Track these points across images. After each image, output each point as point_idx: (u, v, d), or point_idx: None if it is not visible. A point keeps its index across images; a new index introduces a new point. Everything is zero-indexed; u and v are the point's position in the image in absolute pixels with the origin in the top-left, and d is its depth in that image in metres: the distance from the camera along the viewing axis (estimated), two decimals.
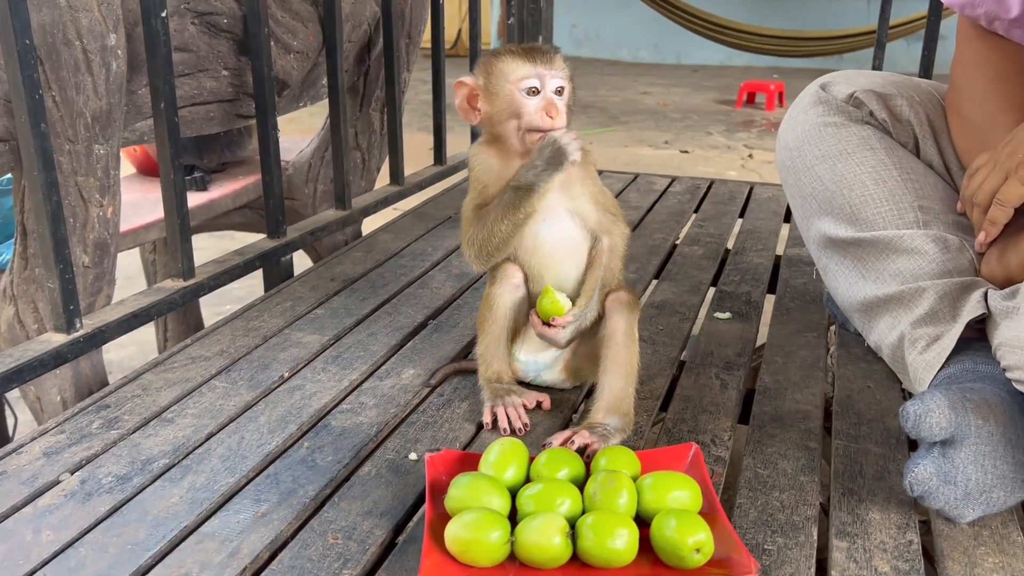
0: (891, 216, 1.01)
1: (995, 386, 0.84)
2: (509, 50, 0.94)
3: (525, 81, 0.92)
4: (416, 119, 4.79)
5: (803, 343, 1.17)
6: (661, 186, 1.98)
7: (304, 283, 1.37)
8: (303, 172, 1.89)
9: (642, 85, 6.55)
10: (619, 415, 0.91)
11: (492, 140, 0.97)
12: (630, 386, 0.93)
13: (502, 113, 0.94)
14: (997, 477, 0.79)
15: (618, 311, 0.95)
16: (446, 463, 0.84)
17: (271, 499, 0.83)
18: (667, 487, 0.77)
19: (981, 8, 1.03)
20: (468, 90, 0.96)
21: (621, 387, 0.92)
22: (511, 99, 0.93)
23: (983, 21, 1.05)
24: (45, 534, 0.77)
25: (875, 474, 0.88)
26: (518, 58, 0.93)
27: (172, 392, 1.03)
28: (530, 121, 0.92)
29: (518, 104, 0.92)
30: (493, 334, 0.98)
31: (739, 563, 0.70)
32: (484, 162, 0.96)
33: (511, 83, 0.92)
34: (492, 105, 0.95)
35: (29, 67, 1.00)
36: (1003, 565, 0.75)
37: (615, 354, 0.93)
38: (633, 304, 0.96)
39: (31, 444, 0.92)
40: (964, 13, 1.06)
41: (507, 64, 0.93)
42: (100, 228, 1.24)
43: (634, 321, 0.95)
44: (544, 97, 0.92)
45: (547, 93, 0.93)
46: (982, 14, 1.04)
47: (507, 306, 0.98)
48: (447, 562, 0.72)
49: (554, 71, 0.93)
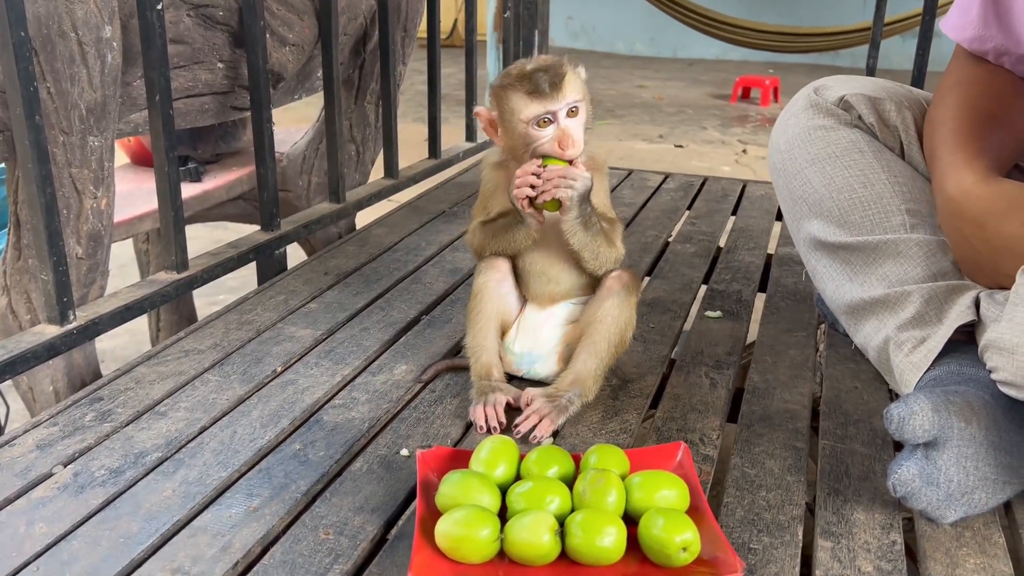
0: (879, 219, 1.02)
1: (979, 389, 0.86)
2: (517, 81, 0.91)
3: (536, 118, 0.91)
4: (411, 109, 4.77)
5: (793, 342, 1.18)
6: (655, 183, 1.99)
7: (297, 276, 1.38)
8: (297, 164, 1.89)
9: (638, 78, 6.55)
10: (582, 387, 0.96)
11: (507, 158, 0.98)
12: (600, 367, 0.97)
13: (517, 148, 0.94)
14: (979, 479, 0.81)
15: (615, 294, 0.98)
16: (437, 460, 0.85)
17: (263, 494, 0.83)
18: (655, 486, 0.78)
19: (991, 43, 1.03)
20: (487, 119, 0.96)
21: (593, 366, 0.97)
22: (524, 135, 0.93)
23: (991, 56, 1.05)
24: (38, 526, 0.78)
25: (860, 474, 0.89)
26: (524, 96, 0.91)
27: (165, 385, 1.03)
28: (546, 151, 0.92)
29: (531, 138, 0.92)
30: (480, 325, 1.00)
31: (725, 562, 0.71)
32: (493, 182, 0.98)
33: (522, 120, 0.92)
34: (507, 137, 0.95)
35: (24, 59, 1.00)
36: (984, 566, 0.77)
37: (598, 335, 0.97)
38: (632, 286, 0.99)
39: (24, 436, 0.92)
40: (972, 48, 1.06)
41: (515, 102, 0.92)
42: (94, 220, 1.24)
43: (629, 303, 0.98)
44: (558, 126, 0.92)
45: (561, 121, 0.92)
46: (991, 48, 1.04)
47: (494, 296, 1.00)
48: (437, 558, 0.73)
49: (565, 101, 0.91)
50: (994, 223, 0.89)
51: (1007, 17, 1.01)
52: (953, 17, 1.08)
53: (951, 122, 0.98)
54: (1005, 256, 0.88)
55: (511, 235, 0.96)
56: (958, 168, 0.94)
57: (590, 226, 0.93)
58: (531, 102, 0.91)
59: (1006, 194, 0.89)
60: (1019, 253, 0.86)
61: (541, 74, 0.90)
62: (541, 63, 0.92)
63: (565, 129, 0.91)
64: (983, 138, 0.96)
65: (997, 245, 0.89)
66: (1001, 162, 0.98)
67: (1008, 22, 1.01)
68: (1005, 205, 0.88)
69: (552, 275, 0.99)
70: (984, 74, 1.05)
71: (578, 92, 0.92)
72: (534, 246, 0.98)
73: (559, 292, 1.00)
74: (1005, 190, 0.90)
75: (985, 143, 0.96)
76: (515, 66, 0.94)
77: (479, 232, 1.00)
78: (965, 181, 0.92)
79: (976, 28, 1.04)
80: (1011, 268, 0.85)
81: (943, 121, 1.00)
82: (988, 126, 0.99)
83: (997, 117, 1.00)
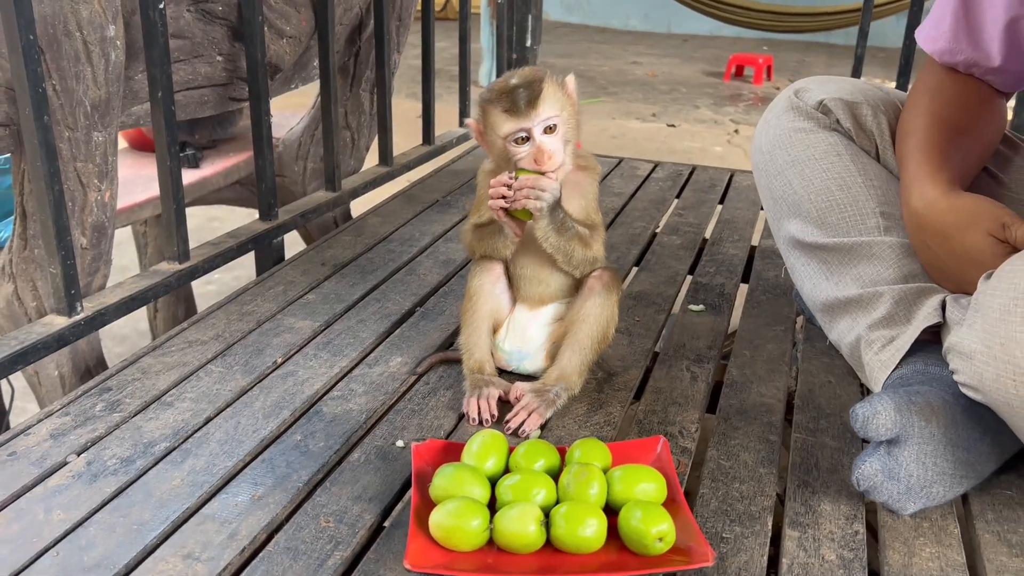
0: (854, 221, 1.07)
1: (941, 388, 0.91)
2: (497, 98, 0.95)
3: (512, 135, 0.96)
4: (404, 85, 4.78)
5: (771, 336, 1.24)
6: (644, 171, 2.03)
7: (295, 267, 1.42)
8: (293, 150, 1.93)
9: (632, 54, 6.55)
10: (567, 382, 1.02)
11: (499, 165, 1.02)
12: (584, 363, 1.03)
13: (500, 159, 1.00)
14: (937, 474, 0.86)
15: (596, 294, 1.03)
16: (431, 452, 0.90)
17: (267, 483, 0.89)
18: (635, 479, 0.84)
19: (961, 56, 1.08)
20: (476, 130, 1.01)
21: (577, 362, 1.02)
22: (503, 150, 0.98)
23: (961, 68, 1.09)
24: (56, 513, 0.83)
25: (829, 467, 0.94)
26: (502, 113, 0.95)
27: (170, 376, 1.08)
28: (523, 166, 0.96)
29: (510, 153, 0.97)
30: (474, 325, 1.05)
31: (697, 551, 0.77)
32: (485, 187, 1.02)
33: (500, 137, 0.96)
34: (490, 149, 1.01)
35: (33, 61, 1.03)
36: (939, 555, 0.82)
37: (581, 333, 1.02)
38: (612, 286, 1.04)
39: (38, 426, 0.97)
40: (943, 60, 1.10)
41: (493, 117, 0.96)
42: (98, 212, 1.28)
43: (610, 301, 1.03)
44: (534, 143, 0.96)
45: (536, 138, 0.96)
46: (961, 61, 1.08)
47: (487, 299, 1.05)
48: (431, 547, 0.78)
49: (540, 119, 0.95)
50: (957, 235, 0.94)
51: (977, 33, 1.05)
52: (926, 28, 1.12)
53: (920, 132, 1.03)
54: (967, 264, 0.93)
55: (494, 241, 1.02)
56: (923, 181, 0.99)
57: (564, 231, 0.98)
58: (507, 119, 0.95)
59: (967, 208, 0.94)
60: (980, 262, 0.91)
61: (521, 91, 0.94)
62: (524, 78, 0.96)
63: (540, 146, 0.95)
64: (949, 149, 1.01)
65: (960, 255, 0.94)
66: (966, 171, 1.03)
67: (978, 38, 1.05)
68: (967, 218, 0.93)
69: (542, 278, 1.04)
70: (954, 83, 1.09)
71: (555, 108, 0.96)
72: (523, 250, 1.03)
73: (548, 294, 1.05)
74: (966, 204, 0.95)
75: (950, 154, 1.01)
76: (500, 80, 0.98)
77: (471, 234, 1.05)
78: (928, 195, 0.97)
79: (947, 41, 1.08)
80: (973, 276, 0.90)
81: (912, 131, 1.05)
82: (955, 136, 1.03)
83: (964, 126, 1.05)
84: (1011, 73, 1.07)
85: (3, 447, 0.93)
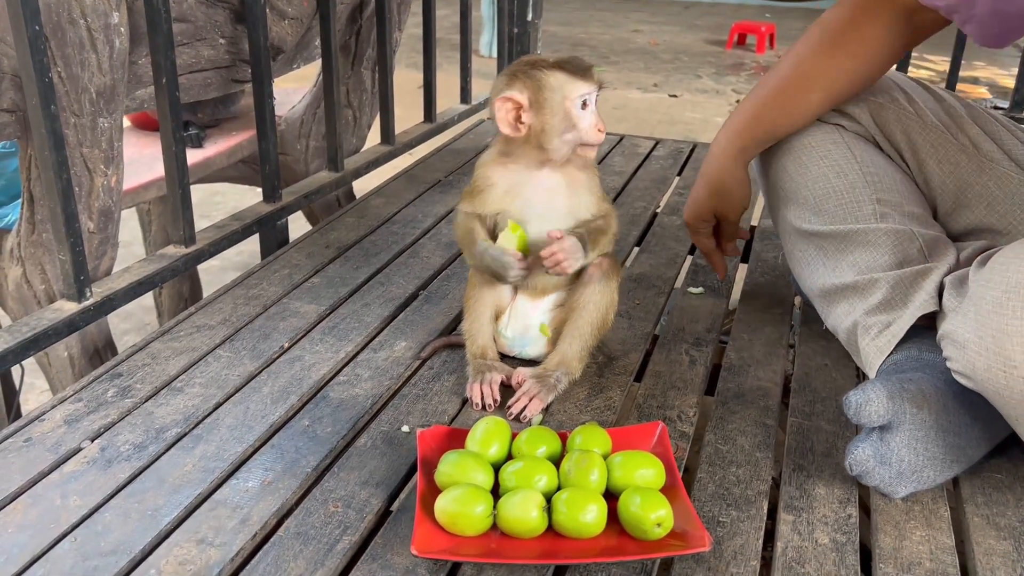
0: (851, 208, 1.08)
1: (933, 375, 0.93)
2: (558, 65, 0.97)
3: (581, 97, 0.97)
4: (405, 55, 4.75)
5: (769, 319, 1.25)
6: (645, 149, 2.03)
7: (300, 250, 1.44)
8: (295, 128, 1.93)
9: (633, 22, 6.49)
10: (567, 367, 1.04)
11: (508, 152, 1.02)
12: (584, 349, 1.05)
13: (556, 128, 0.98)
14: (928, 459, 0.89)
15: (596, 281, 1.05)
16: (436, 438, 0.92)
17: (276, 468, 0.91)
18: (634, 465, 0.86)
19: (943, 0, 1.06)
20: (514, 105, 0.98)
21: (577, 348, 1.05)
22: (567, 114, 0.97)
23: (943, 11, 1.07)
24: (72, 499, 0.86)
25: (824, 451, 0.97)
26: (571, 76, 0.97)
27: (180, 361, 1.10)
28: (584, 137, 0.98)
29: (574, 118, 0.97)
30: (477, 312, 1.07)
31: (694, 536, 0.79)
32: (487, 178, 1.03)
33: (568, 99, 0.97)
34: (543, 120, 0.98)
35: (39, 52, 1.04)
36: (929, 538, 0.85)
37: (581, 320, 1.05)
38: (611, 272, 1.06)
39: (52, 412, 0.99)
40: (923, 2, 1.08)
41: (561, 81, 0.97)
42: (104, 196, 1.29)
43: (609, 288, 1.05)
44: (593, 112, 0.98)
45: (593, 107, 0.98)
46: (943, 6, 1.07)
47: (489, 287, 1.06)
48: (437, 532, 0.81)
49: (598, 85, 0.99)
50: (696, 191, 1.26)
51: None
52: None
53: (765, 89, 1.16)
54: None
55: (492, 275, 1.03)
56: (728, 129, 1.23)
57: (591, 252, 1.02)
58: (579, 81, 0.97)
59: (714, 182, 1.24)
60: None
61: (575, 58, 0.99)
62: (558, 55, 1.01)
63: (598, 114, 0.99)
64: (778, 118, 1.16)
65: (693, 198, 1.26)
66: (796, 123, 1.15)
67: None
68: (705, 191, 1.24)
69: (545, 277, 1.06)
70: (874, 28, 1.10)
71: None
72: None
73: (549, 283, 1.06)
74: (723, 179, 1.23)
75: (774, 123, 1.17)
76: (535, 56, 1.01)
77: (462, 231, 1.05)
78: (720, 144, 1.22)
79: None
80: None
81: (763, 83, 1.18)
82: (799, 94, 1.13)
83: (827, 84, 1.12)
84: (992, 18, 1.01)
85: (19, 433, 0.95)
